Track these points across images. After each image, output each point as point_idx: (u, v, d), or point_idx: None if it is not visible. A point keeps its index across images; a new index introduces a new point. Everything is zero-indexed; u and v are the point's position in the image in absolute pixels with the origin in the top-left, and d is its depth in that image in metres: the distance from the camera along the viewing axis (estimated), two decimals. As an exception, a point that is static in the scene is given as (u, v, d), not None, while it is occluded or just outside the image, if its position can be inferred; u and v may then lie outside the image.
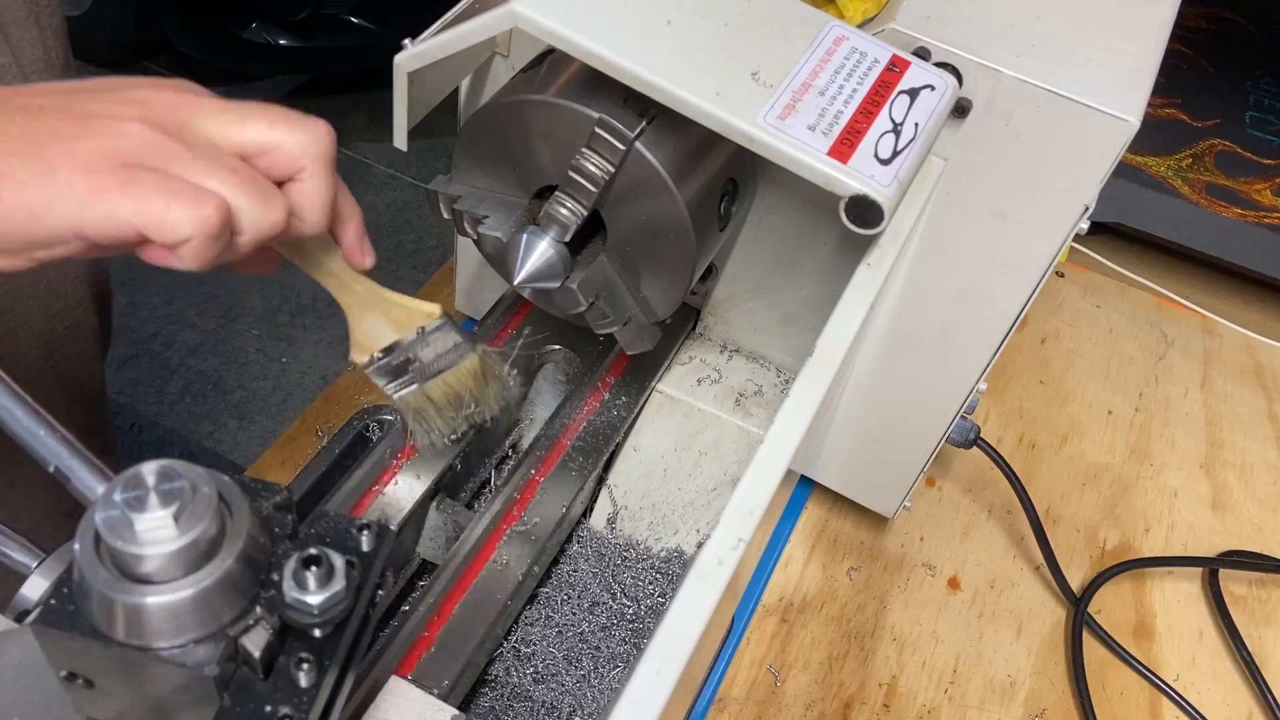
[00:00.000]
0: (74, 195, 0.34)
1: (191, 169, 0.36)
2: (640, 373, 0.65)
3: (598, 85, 0.47)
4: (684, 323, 0.68)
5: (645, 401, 0.65)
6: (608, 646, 0.60)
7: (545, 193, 0.51)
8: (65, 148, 0.35)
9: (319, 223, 0.41)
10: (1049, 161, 0.52)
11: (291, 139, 0.39)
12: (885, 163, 0.46)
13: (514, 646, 0.58)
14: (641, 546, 0.65)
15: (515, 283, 0.52)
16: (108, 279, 0.75)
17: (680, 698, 0.38)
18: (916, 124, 0.47)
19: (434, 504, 0.58)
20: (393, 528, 0.38)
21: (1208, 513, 0.85)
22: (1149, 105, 0.51)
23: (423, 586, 0.52)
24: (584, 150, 0.48)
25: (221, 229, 0.36)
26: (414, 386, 0.49)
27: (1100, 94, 0.50)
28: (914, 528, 0.79)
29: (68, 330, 0.70)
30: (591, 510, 0.66)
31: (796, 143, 0.45)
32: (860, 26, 0.53)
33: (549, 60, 0.51)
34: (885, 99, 0.48)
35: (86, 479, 0.35)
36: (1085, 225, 0.54)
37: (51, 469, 0.35)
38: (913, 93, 0.49)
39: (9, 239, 0.35)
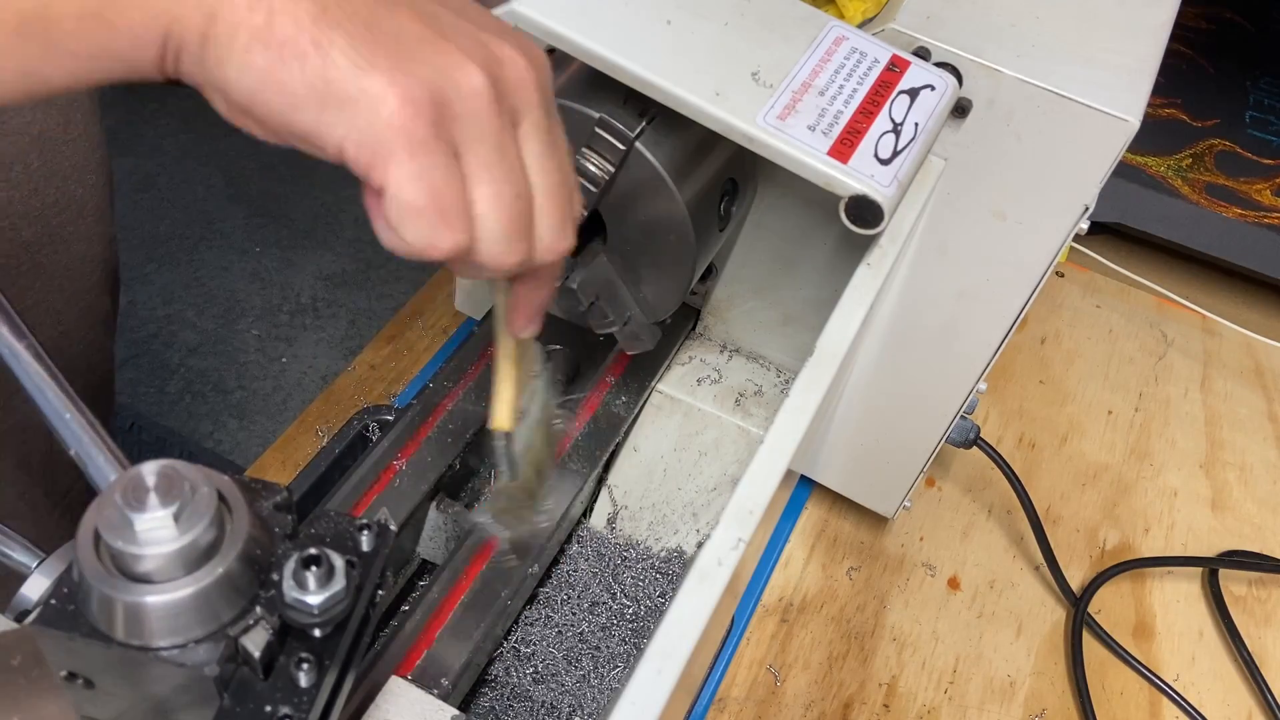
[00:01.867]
0: (373, 113, 0.30)
1: (481, 166, 0.32)
2: (640, 373, 0.65)
3: (598, 85, 0.47)
4: (684, 323, 0.68)
5: (645, 401, 0.65)
6: (608, 646, 0.60)
7: (545, 193, 0.51)
8: (399, 58, 0.30)
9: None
10: (1049, 161, 0.52)
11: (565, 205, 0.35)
12: (885, 163, 0.46)
13: (514, 646, 0.58)
14: (641, 546, 0.65)
15: (515, 283, 0.52)
16: (118, 264, 0.76)
17: (680, 698, 0.38)
18: (916, 124, 0.48)
19: (434, 504, 0.58)
20: (393, 528, 0.37)
21: (1208, 513, 0.85)
22: (1149, 105, 0.51)
23: (423, 586, 0.52)
24: (584, 150, 0.48)
25: (445, 256, 0.32)
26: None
27: (1100, 94, 0.50)
28: (914, 528, 0.79)
29: (80, 313, 0.70)
30: (591, 510, 0.66)
31: (796, 143, 0.45)
32: (860, 26, 0.53)
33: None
34: (885, 99, 0.48)
35: (102, 466, 0.35)
36: (1085, 225, 0.54)
37: (72, 452, 0.35)
38: (913, 93, 0.49)
39: (275, 110, 0.30)
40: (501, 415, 0.42)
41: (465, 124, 0.32)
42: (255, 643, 0.32)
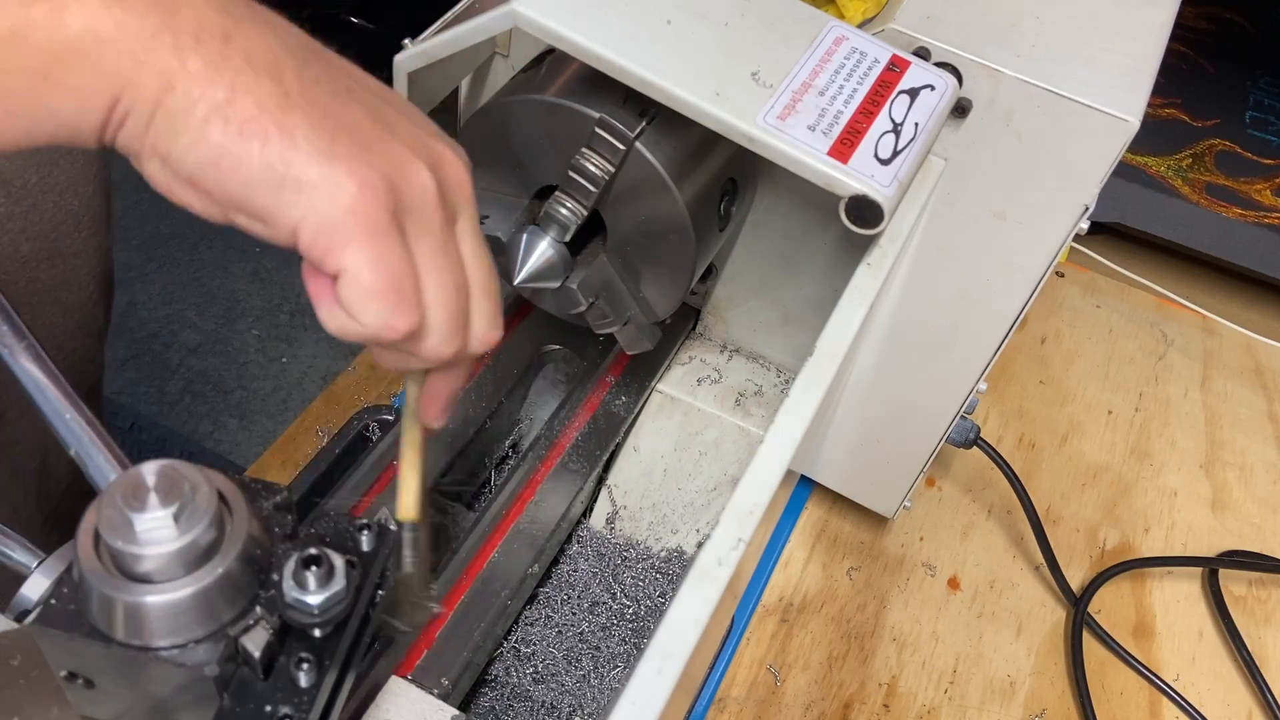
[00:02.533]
0: (331, 198, 0.30)
1: (429, 258, 0.33)
2: (640, 373, 0.65)
3: (598, 85, 0.47)
4: (684, 323, 0.68)
5: (645, 401, 0.65)
6: (608, 646, 0.60)
7: (545, 193, 0.51)
8: (357, 147, 0.31)
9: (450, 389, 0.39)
10: (1049, 161, 0.52)
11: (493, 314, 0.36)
12: (885, 163, 0.46)
13: (514, 646, 0.58)
14: (641, 546, 0.65)
15: (515, 283, 0.52)
16: (113, 274, 0.76)
17: (680, 698, 0.38)
18: (916, 124, 0.48)
19: (434, 504, 0.58)
20: (393, 528, 0.37)
21: (1208, 513, 0.85)
22: (1149, 105, 0.51)
23: (423, 586, 0.52)
24: (584, 150, 0.48)
25: (396, 339, 0.33)
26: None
27: (1100, 94, 0.50)
28: (914, 528, 0.79)
29: (76, 326, 0.70)
30: (591, 510, 0.66)
31: (796, 143, 0.45)
32: (860, 26, 0.53)
33: (549, 60, 0.51)
34: (885, 99, 0.48)
35: (102, 466, 0.35)
36: (1085, 225, 0.54)
37: (72, 452, 0.35)
38: (913, 93, 0.49)
39: (229, 185, 0.30)
40: (408, 506, 0.41)
41: (415, 217, 0.32)
42: (255, 643, 0.32)
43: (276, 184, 0.30)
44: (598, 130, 0.47)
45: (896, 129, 0.47)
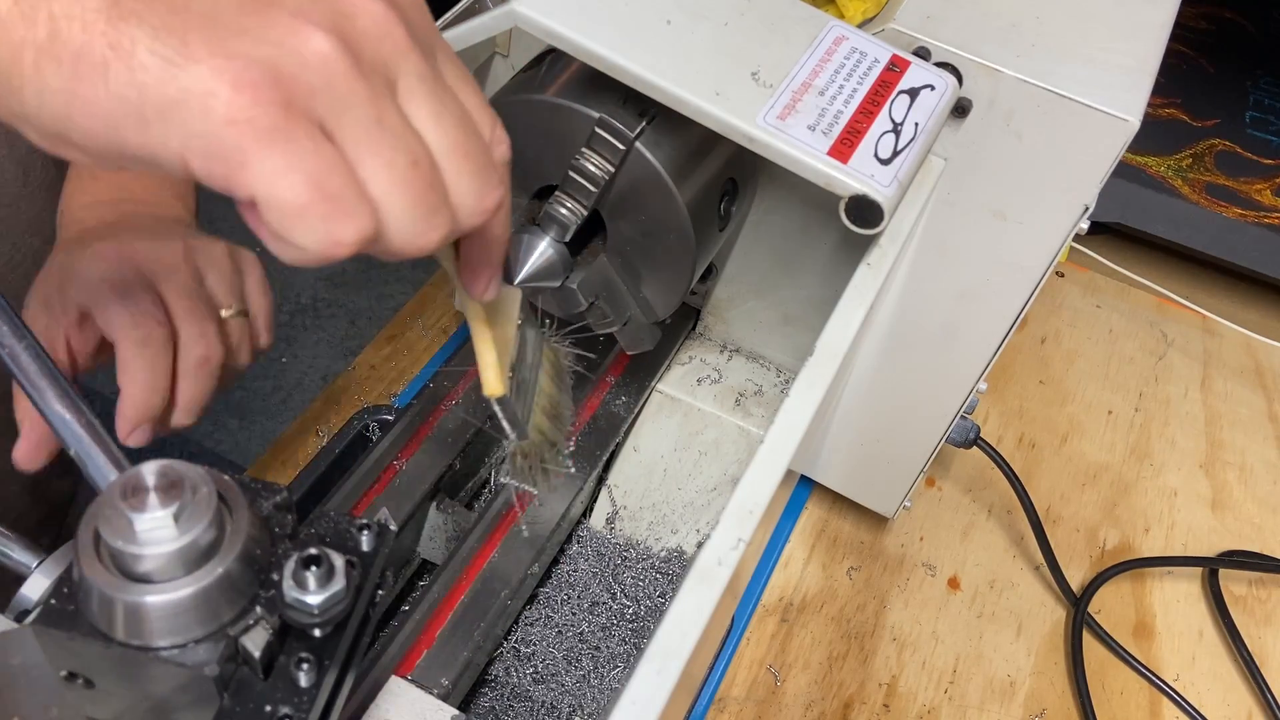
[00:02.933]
0: (205, 114, 0.24)
1: (359, 142, 0.27)
2: (640, 373, 0.65)
3: (598, 85, 0.47)
4: (684, 323, 0.68)
5: (645, 401, 0.65)
6: (608, 646, 0.60)
7: (545, 193, 0.51)
8: (219, 38, 0.25)
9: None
10: (1049, 161, 0.52)
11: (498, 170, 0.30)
12: (885, 163, 0.46)
13: (514, 646, 0.58)
14: (641, 546, 0.65)
15: (515, 283, 0.52)
16: None
17: (680, 698, 0.38)
18: (916, 124, 0.48)
19: (434, 504, 0.58)
20: (393, 528, 0.37)
21: (1208, 513, 0.85)
22: (1149, 105, 0.51)
23: (423, 586, 0.52)
24: (584, 150, 0.48)
25: (353, 250, 0.27)
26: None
27: (1100, 94, 0.50)
28: (914, 528, 0.79)
29: None
30: (591, 510, 0.66)
31: (796, 143, 0.45)
32: (860, 26, 0.53)
33: (549, 60, 0.51)
34: (885, 99, 0.48)
35: (102, 466, 0.35)
36: (1085, 225, 0.54)
37: (72, 452, 0.35)
38: (913, 93, 0.49)
39: (96, 134, 0.25)
40: (490, 380, 0.39)
41: (323, 99, 0.26)
42: (255, 643, 0.32)
43: (138, 117, 0.24)
44: (598, 130, 0.47)
45: (896, 129, 0.47)
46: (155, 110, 0.24)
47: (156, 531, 0.30)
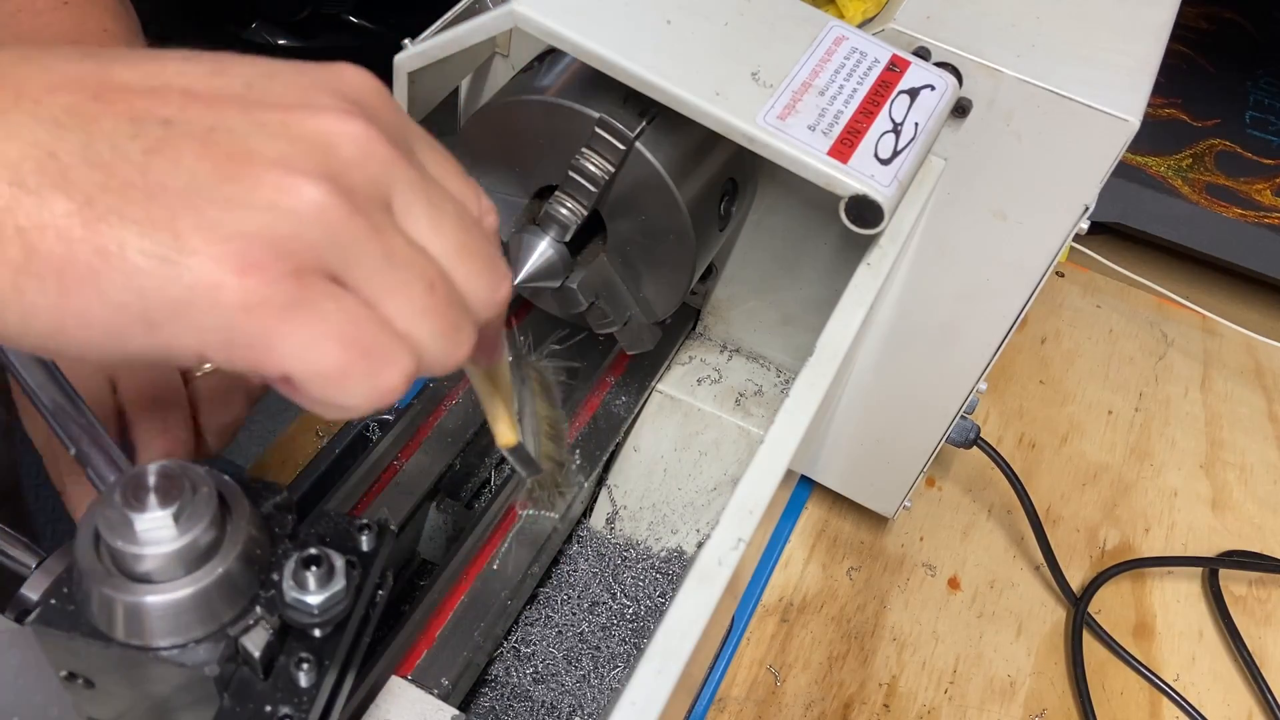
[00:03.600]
0: (216, 306, 0.22)
1: (379, 282, 0.25)
2: (640, 373, 0.65)
3: (598, 85, 0.47)
4: (684, 323, 0.68)
5: (645, 401, 0.65)
6: (607, 646, 0.60)
7: (545, 193, 0.51)
8: (209, 220, 0.22)
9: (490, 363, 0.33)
10: (1049, 161, 0.52)
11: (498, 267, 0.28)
12: (885, 163, 0.46)
13: (514, 646, 0.58)
14: (641, 546, 0.65)
15: (515, 283, 0.52)
16: None
17: (680, 698, 0.38)
18: (916, 124, 0.48)
19: (434, 504, 0.58)
20: (393, 528, 0.37)
21: (1208, 513, 0.85)
22: (1149, 105, 0.51)
23: (423, 586, 0.52)
24: (584, 150, 0.48)
25: (403, 392, 0.25)
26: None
27: (1100, 94, 0.50)
28: (914, 528, 0.79)
29: None
30: (591, 510, 0.66)
31: (796, 143, 0.45)
32: (860, 26, 0.53)
33: (549, 60, 0.51)
34: (885, 99, 0.48)
35: (102, 467, 0.35)
36: (1085, 225, 0.54)
37: (72, 452, 0.35)
38: (913, 93, 0.49)
39: (94, 347, 0.23)
40: (503, 432, 0.40)
41: (329, 250, 0.24)
42: (255, 643, 0.32)
43: (145, 322, 0.22)
44: (598, 130, 0.47)
45: (896, 129, 0.47)
46: (162, 313, 0.22)
47: (156, 531, 0.30)
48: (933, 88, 0.49)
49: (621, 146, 0.47)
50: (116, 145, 0.22)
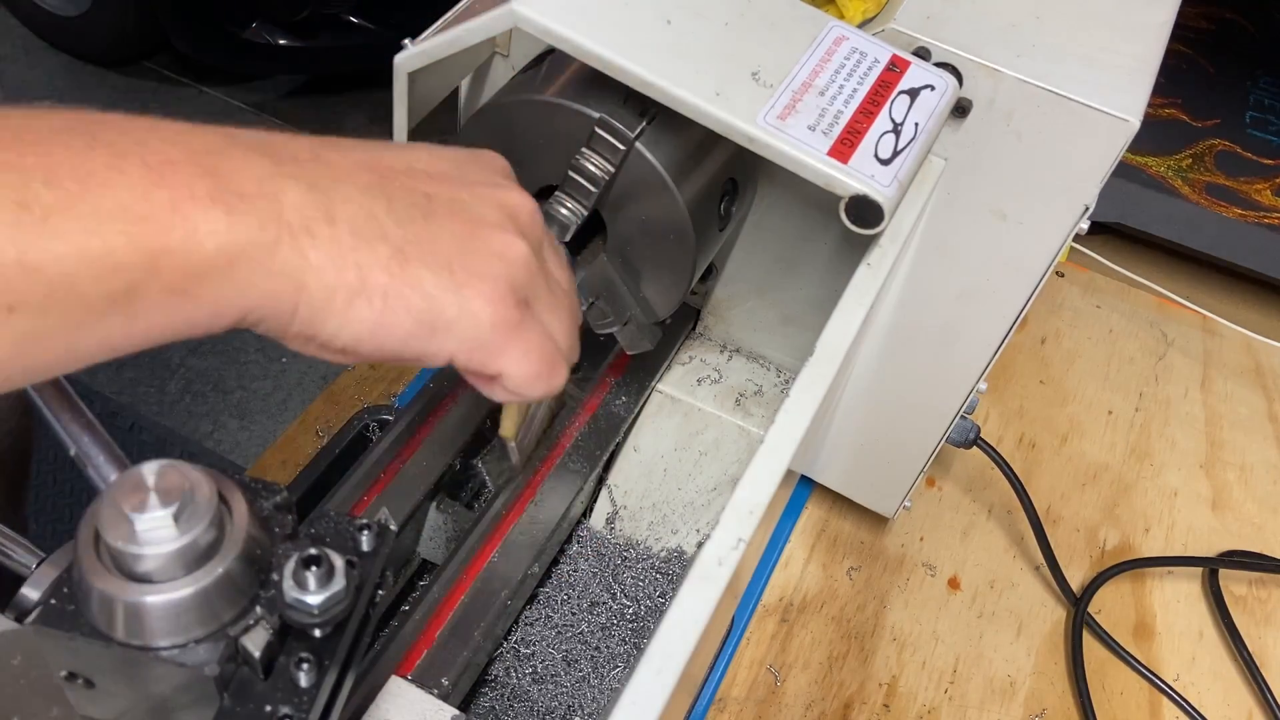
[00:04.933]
0: (476, 323, 0.33)
1: (548, 307, 0.36)
2: (640, 373, 0.65)
3: (598, 85, 0.47)
4: (684, 323, 0.68)
5: (645, 401, 0.65)
6: (607, 646, 0.60)
7: (545, 192, 0.51)
8: (470, 265, 0.33)
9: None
10: (1049, 161, 0.52)
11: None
12: (885, 163, 0.46)
13: (514, 646, 0.58)
14: (641, 546, 0.65)
15: (515, 283, 0.52)
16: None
17: (680, 698, 0.38)
18: (916, 124, 0.47)
19: (434, 504, 0.58)
20: (393, 528, 0.37)
21: (1208, 513, 0.85)
22: (1149, 105, 0.51)
23: (423, 586, 0.52)
24: (584, 150, 0.48)
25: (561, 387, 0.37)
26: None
27: (1100, 94, 0.50)
28: (914, 528, 0.79)
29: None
30: (591, 510, 0.66)
31: (796, 143, 0.45)
32: (860, 26, 0.53)
33: (549, 60, 0.51)
34: (885, 99, 0.48)
35: (102, 467, 0.35)
36: (1085, 225, 0.54)
37: (73, 452, 0.35)
38: (913, 93, 0.49)
39: (389, 346, 0.32)
40: (508, 427, 0.50)
41: (529, 286, 0.35)
42: (255, 643, 0.32)
43: (429, 332, 0.32)
44: (598, 130, 0.47)
45: (896, 129, 0.47)
46: (442, 325, 0.33)
47: (156, 531, 0.30)
48: (933, 88, 0.49)
49: (621, 146, 0.47)
50: (406, 211, 0.32)
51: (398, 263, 0.32)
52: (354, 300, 0.31)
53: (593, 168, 0.48)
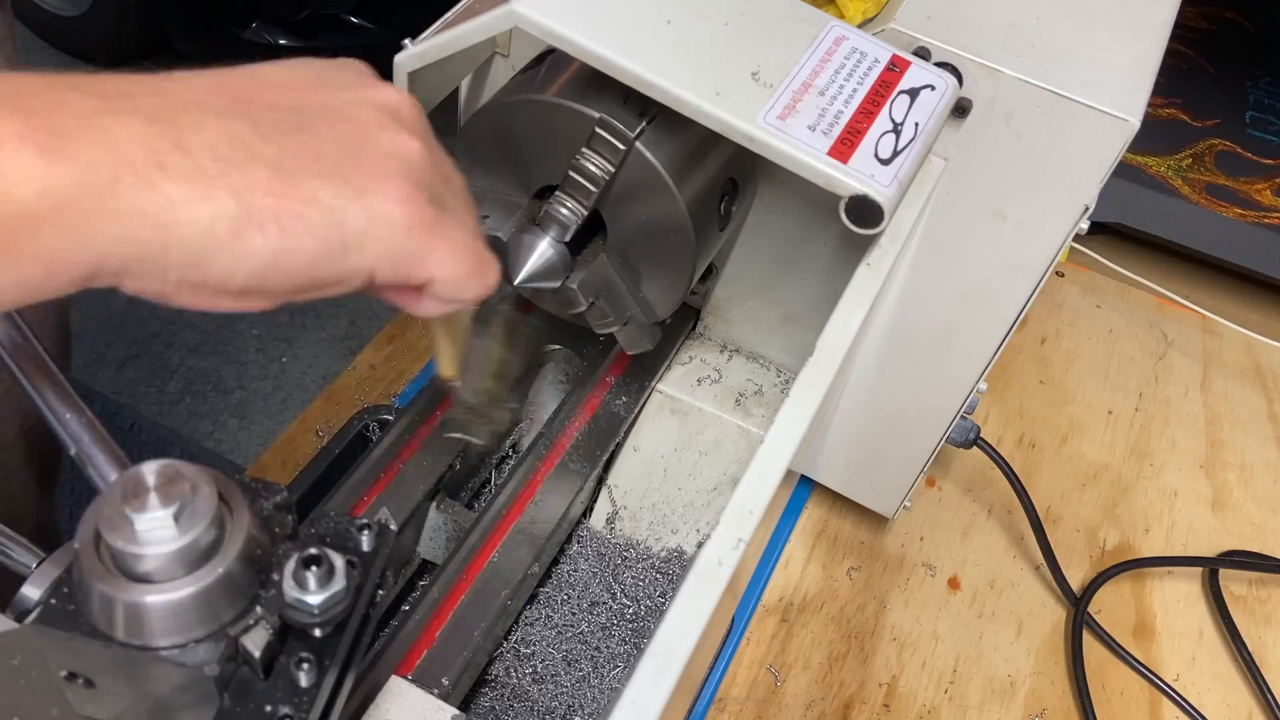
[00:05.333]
0: (391, 229, 0.30)
1: (458, 203, 0.33)
2: (640, 373, 0.65)
3: (598, 85, 0.47)
4: (684, 323, 0.68)
5: (645, 401, 0.65)
6: (607, 646, 0.60)
7: (545, 193, 0.51)
8: (365, 169, 0.30)
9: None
10: (1049, 161, 0.52)
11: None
12: (885, 163, 0.46)
13: (514, 646, 0.58)
14: (641, 546, 0.65)
15: (515, 283, 0.52)
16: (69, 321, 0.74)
17: (680, 698, 0.38)
18: (916, 124, 0.47)
19: (434, 504, 0.58)
20: (393, 528, 0.37)
21: (1208, 513, 0.85)
22: (1149, 105, 0.51)
23: (423, 586, 0.52)
24: (584, 150, 0.48)
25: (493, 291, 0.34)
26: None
27: (1100, 94, 0.50)
28: (914, 528, 0.79)
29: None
30: (591, 510, 0.66)
31: (796, 143, 0.45)
32: (860, 26, 0.53)
33: (549, 60, 0.51)
34: (885, 99, 0.48)
35: (102, 466, 0.35)
36: (1085, 225, 0.54)
37: (73, 452, 0.35)
38: (913, 93, 0.49)
39: (296, 276, 0.29)
40: (443, 365, 0.45)
41: (434, 182, 0.32)
42: (255, 643, 0.32)
43: (340, 251, 0.29)
44: (598, 130, 0.47)
45: (896, 129, 0.47)
46: (353, 238, 0.29)
47: (156, 531, 0.30)
48: (933, 88, 0.49)
49: (621, 146, 0.47)
50: (275, 126, 0.29)
51: (281, 180, 0.28)
52: (242, 230, 0.27)
53: (593, 168, 0.48)
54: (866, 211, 0.45)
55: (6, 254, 0.25)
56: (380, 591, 0.37)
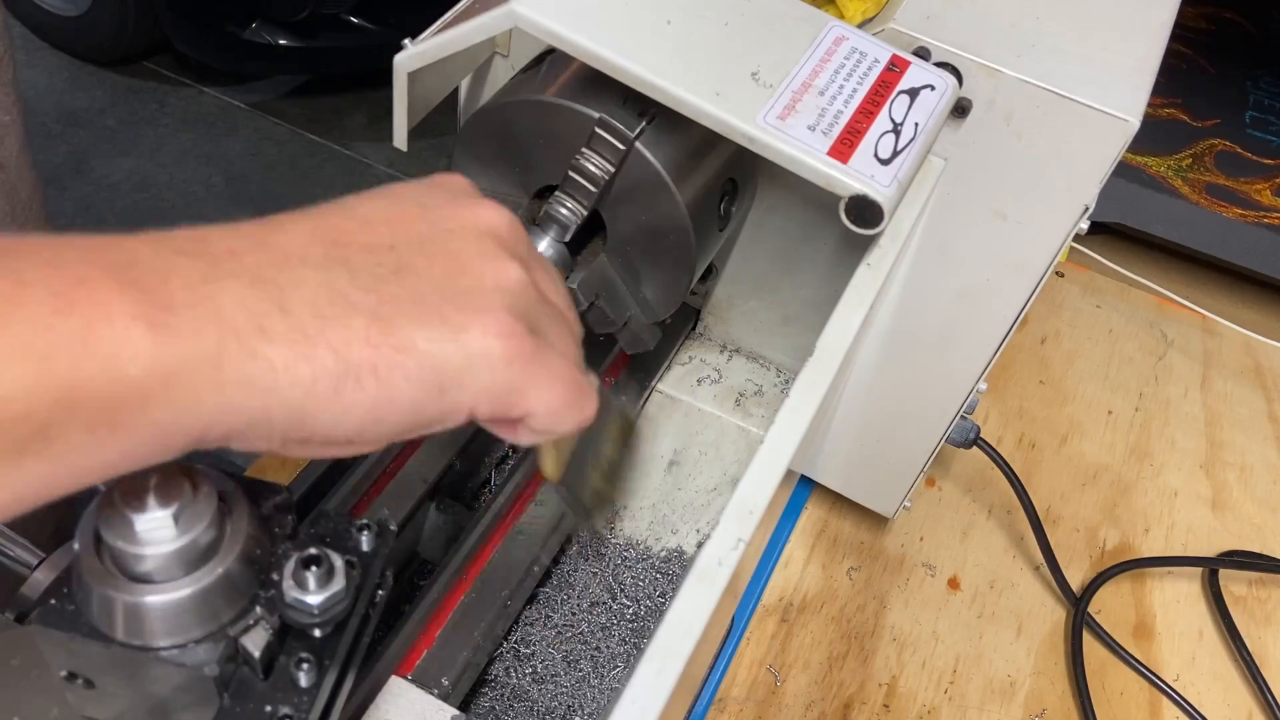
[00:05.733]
0: (490, 364, 0.29)
1: (555, 330, 0.32)
2: (640, 373, 0.65)
3: (598, 85, 0.47)
4: (684, 323, 0.68)
5: (645, 401, 0.65)
6: (607, 646, 0.60)
7: (545, 193, 0.51)
8: (465, 305, 0.29)
9: None
10: (1049, 161, 0.52)
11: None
12: (885, 163, 0.46)
13: (514, 646, 0.58)
14: (641, 546, 0.65)
15: (515, 283, 0.52)
16: None
17: (680, 698, 0.38)
18: (916, 124, 0.47)
19: (434, 504, 0.58)
20: (393, 528, 0.37)
21: (1208, 513, 0.85)
22: (1149, 105, 0.51)
23: (423, 586, 0.52)
24: (584, 150, 0.48)
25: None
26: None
27: (1100, 94, 0.50)
28: (914, 528, 0.79)
29: None
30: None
31: (796, 143, 0.45)
32: (860, 26, 0.53)
33: (549, 60, 0.51)
34: (885, 99, 0.48)
35: None
36: (1085, 225, 0.54)
37: None
38: (913, 93, 0.49)
39: (399, 423, 0.29)
40: (548, 466, 0.43)
41: (532, 311, 0.31)
42: (255, 643, 0.32)
43: (439, 390, 0.29)
44: (598, 130, 0.47)
45: (896, 129, 0.47)
46: (451, 379, 0.29)
47: (156, 531, 0.30)
48: (933, 88, 0.49)
49: (621, 147, 0.47)
50: (372, 273, 0.29)
51: (379, 329, 0.28)
52: (340, 385, 0.27)
53: (593, 168, 0.48)
54: (866, 211, 0.45)
55: (115, 428, 0.25)
56: (380, 591, 0.37)
